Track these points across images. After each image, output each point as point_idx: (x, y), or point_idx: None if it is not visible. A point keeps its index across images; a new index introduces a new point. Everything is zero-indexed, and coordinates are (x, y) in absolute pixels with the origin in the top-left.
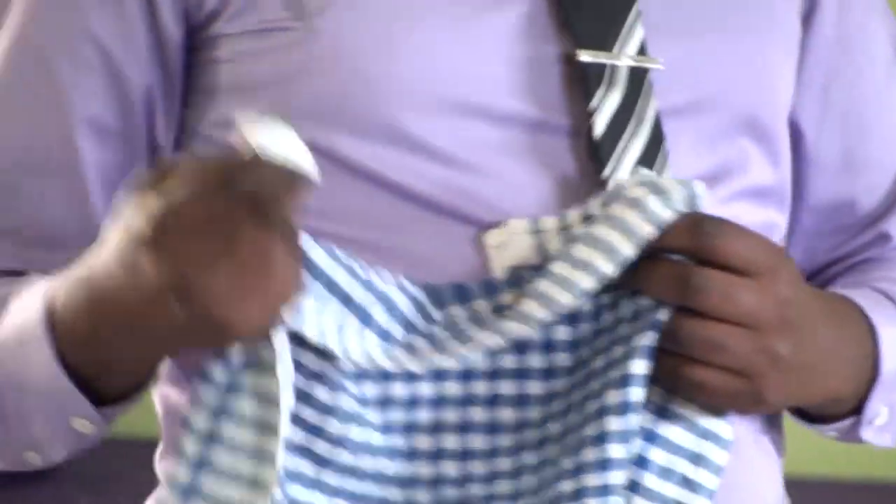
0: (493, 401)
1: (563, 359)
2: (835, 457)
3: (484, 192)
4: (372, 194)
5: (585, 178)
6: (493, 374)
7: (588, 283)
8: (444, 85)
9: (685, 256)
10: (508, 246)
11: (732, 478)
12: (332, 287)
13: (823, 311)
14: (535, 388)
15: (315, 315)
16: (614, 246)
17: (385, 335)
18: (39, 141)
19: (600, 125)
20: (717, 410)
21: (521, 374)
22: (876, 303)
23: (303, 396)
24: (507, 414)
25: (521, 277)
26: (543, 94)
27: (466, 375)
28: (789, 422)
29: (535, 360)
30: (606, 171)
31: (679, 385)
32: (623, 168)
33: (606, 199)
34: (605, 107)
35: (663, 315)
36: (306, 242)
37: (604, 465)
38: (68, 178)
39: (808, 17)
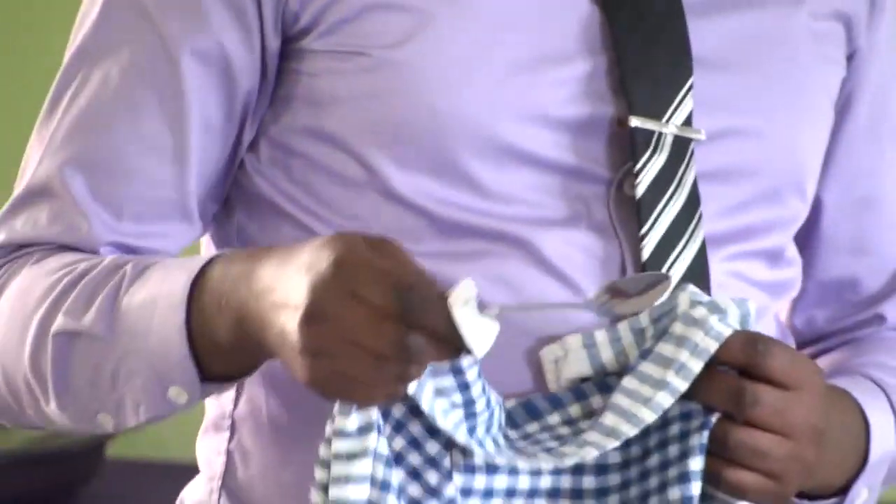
0: (554, 494)
1: (613, 456)
2: None
3: (517, 216)
4: (407, 216)
5: (620, 230)
6: (557, 471)
7: (667, 401)
8: (499, 129)
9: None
10: (564, 360)
11: None
12: (466, 401)
13: (836, 412)
14: (588, 483)
15: (442, 413)
16: (686, 365)
17: (480, 444)
18: (161, 127)
19: (643, 186)
20: (744, 498)
21: (577, 470)
22: (870, 395)
23: (415, 475)
24: None
25: (584, 391)
26: (588, 149)
27: (536, 472)
28: None
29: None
30: (644, 229)
31: (721, 483)
32: (659, 227)
33: (656, 314)
34: (649, 169)
35: (713, 418)
36: (468, 364)
37: None
38: (177, 165)
39: (844, 109)
